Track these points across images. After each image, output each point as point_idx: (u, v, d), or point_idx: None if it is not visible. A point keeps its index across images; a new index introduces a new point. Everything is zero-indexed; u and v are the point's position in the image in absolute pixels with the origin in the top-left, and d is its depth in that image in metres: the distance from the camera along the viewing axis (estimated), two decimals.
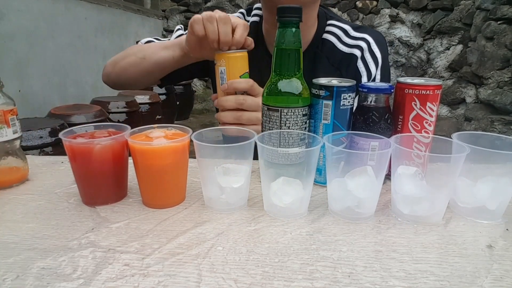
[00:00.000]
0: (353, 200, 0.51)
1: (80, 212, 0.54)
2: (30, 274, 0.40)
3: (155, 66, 0.85)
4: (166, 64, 0.84)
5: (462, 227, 0.51)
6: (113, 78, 0.94)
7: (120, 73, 0.91)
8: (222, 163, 0.54)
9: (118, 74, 0.92)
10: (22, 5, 2.35)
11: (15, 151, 0.64)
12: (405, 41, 4.12)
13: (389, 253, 0.44)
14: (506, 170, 0.50)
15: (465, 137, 0.54)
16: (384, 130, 0.58)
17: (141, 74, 0.89)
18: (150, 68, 0.86)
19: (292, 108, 0.57)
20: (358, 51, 0.82)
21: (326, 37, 0.85)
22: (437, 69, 4.02)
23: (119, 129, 0.58)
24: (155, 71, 0.87)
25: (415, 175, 0.52)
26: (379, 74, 0.83)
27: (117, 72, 0.92)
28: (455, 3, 3.81)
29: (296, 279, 0.39)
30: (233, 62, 0.73)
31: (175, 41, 0.83)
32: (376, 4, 4.15)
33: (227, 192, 0.53)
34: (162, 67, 0.85)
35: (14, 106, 0.61)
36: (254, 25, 0.89)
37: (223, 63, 0.72)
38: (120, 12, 3.69)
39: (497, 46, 3.35)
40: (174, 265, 0.42)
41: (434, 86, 0.58)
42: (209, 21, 0.69)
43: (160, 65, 0.85)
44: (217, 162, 0.54)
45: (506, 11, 3.25)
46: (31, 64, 2.44)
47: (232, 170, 0.54)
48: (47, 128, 1.70)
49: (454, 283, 0.39)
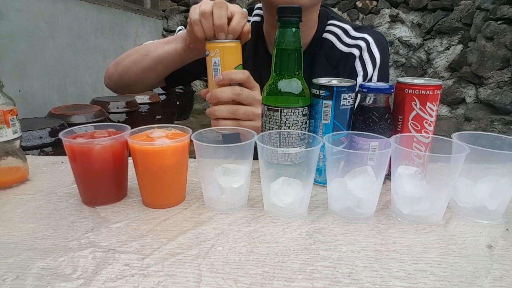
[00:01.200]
0: (353, 200, 0.51)
1: (80, 212, 0.54)
2: (30, 274, 0.40)
3: (158, 61, 0.82)
4: (169, 58, 0.81)
5: (462, 227, 0.51)
6: (115, 79, 0.92)
7: (123, 72, 0.90)
8: (222, 163, 0.54)
9: (121, 73, 0.90)
10: (22, 5, 2.35)
11: (15, 151, 0.64)
12: (405, 41, 4.12)
13: (389, 253, 0.44)
14: (506, 170, 0.50)
15: (465, 137, 0.54)
16: (384, 130, 0.58)
17: (144, 71, 0.86)
18: (153, 64, 0.83)
19: (292, 108, 0.57)
20: (357, 50, 0.82)
21: (326, 36, 0.84)
22: (437, 69, 4.03)
23: (119, 129, 0.58)
24: (158, 67, 0.84)
25: (415, 175, 0.52)
26: (376, 75, 0.83)
27: (120, 72, 0.90)
28: (455, 3, 3.81)
29: (296, 279, 0.39)
30: (228, 52, 0.68)
31: (177, 35, 0.81)
32: (376, 4, 4.15)
33: (227, 192, 0.53)
34: (165, 62, 0.83)
35: (14, 106, 0.61)
36: (255, 25, 0.89)
37: (217, 53, 0.67)
38: (120, 12, 3.69)
39: (497, 46, 3.35)
40: (174, 265, 0.42)
41: (434, 86, 0.58)
42: (204, 18, 0.66)
43: (163, 60, 0.82)
44: (217, 162, 0.54)
45: (506, 11, 3.25)
46: (31, 64, 2.44)
47: (232, 170, 0.54)
48: (47, 128, 1.71)
49: (454, 283, 0.39)
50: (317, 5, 0.80)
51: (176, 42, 0.79)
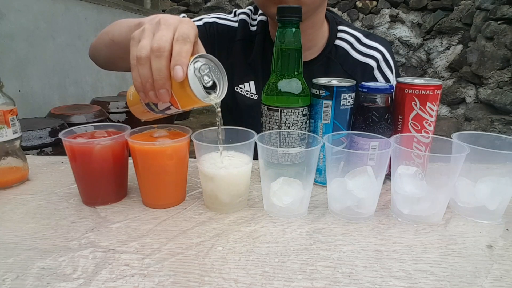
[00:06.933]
0: (353, 200, 0.51)
1: (80, 212, 0.54)
2: (30, 274, 0.40)
3: (126, 52, 0.55)
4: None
5: (462, 227, 0.51)
6: (93, 58, 0.82)
7: (95, 55, 0.80)
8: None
9: (94, 55, 0.81)
10: (22, 5, 2.35)
11: (15, 151, 0.64)
12: (405, 41, 4.11)
13: (389, 253, 0.44)
14: (506, 170, 0.50)
15: (465, 137, 0.54)
16: (384, 130, 0.58)
17: (115, 58, 0.73)
18: (121, 53, 0.66)
19: (292, 108, 0.57)
20: (374, 62, 0.82)
21: (338, 43, 0.85)
22: (437, 69, 4.02)
23: (119, 129, 0.58)
24: (126, 56, 0.56)
25: (415, 175, 0.52)
26: (394, 80, 0.84)
27: (92, 53, 0.81)
28: (455, 3, 3.81)
29: (296, 279, 0.39)
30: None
31: (142, 20, 0.57)
32: (376, 4, 4.15)
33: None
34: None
35: (14, 106, 0.61)
36: (262, 24, 0.88)
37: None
38: (120, 12, 3.69)
39: (497, 46, 3.35)
40: (174, 265, 0.42)
41: (434, 86, 0.58)
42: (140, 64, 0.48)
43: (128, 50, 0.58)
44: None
45: (506, 11, 3.25)
46: (31, 64, 2.44)
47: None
48: (47, 128, 1.71)
49: (454, 283, 0.39)
50: (321, 7, 0.80)
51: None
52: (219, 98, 0.51)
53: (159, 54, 0.46)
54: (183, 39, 0.47)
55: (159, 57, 0.46)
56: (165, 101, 0.50)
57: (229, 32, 0.88)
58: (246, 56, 0.87)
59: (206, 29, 0.88)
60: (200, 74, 0.48)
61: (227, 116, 0.90)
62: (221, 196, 0.53)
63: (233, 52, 0.88)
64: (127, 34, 0.62)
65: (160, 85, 0.47)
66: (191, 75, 0.46)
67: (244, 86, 0.88)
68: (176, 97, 0.49)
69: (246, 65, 0.87)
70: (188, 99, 0.48)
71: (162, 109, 0.54)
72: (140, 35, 0.49)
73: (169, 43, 0.47)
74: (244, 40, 0.87)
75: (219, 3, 4.61)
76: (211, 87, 0.50)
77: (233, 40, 0.88)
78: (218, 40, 0.88)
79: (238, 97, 0.88)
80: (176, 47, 0.47)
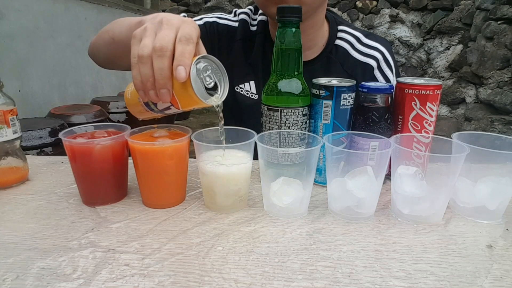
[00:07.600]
0: (353, 200, 0.51)
1: (80, 212, 0.54)
2: (30, 274, 0.40)
3: (126, 50, 0.55)
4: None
5: (462, 227, 0.51)
6: (92, 57, 0.82)
7: (95, 53, 0.79)
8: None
9: (93, 53, 0.80)
10: (22, 5, 2.35)
11: (15, 151, 0.64)
12: (405, 41, 4.11)
13: (389, 253, 0.44)
14: (506, 170, 0.50)
15: (465, 137, 0.54)
16: (384, 130, 0.58)
17: (115, 57, 0.73)
18: (121, 52, 0.66)
19: (292, 108, 0.57)
20: (374, 62, 0.82)
21: (338, 43, 0.85)
22: (437, 69, 4.02)
23: (119, 129, 0.58)
24: (127, 56, 0.56)
25: (415, 175, 0.52)
26: (394, 79, 0.84)
27: (92, 51, 0.80)
28: (455, 3, 3.81)
29: (296, 279, 0.39)
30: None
31: (143, 18, 0.57)
32: (376, 4, 4.15)
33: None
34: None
35: (14, 106, 0.61)
36: (262, 24, 0.88)
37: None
38: (120, 12, 3.69)
39: (497, 46, 3.35)
40: (174, 265, 0.42)
41: (434, 86, 0.58)
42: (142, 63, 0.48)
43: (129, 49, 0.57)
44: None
45: (506, 11, 3.25)
46: (31, 64, 2.44)
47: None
48: (47, 128, 1.71)
49: (454, 283, 0.39)
50: (322, 7, 0.80)
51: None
52: (220, 100, 0.51)
53: (162, 53, 0.46)
54: (186, 39, 0.47)
55: (161, 57, 0.46)
56: (166, 101, 0.50)
57: (229, 32, 0.88)
58: (246, 56, 0.87)
59: (206, 28, 0.88)
60: (202, 75, 0.48)
61: (227, 116, 0.90)
62: (221, 196, 0.53)
63: (233, 52, 0.88)
64: (127, 32, 0.62)
65: (161, 85, 0.47)
66: (193, 76, 0.47)
67: (244, 86, 0.88)
68: (177, 97, 0.49)
69: (246, 65, 0.87)
70: (189, 99, 0.48)
71: (162, 109, 0.54)
72: (142, 33, 0.49)
73: (171, 43, 0.47)
74: (244, 40, 0.87)
75: (219, 3, 4.61)
76: (213, 88, 0.50)
77: (233, 40, 0.88)
78: (218, 40, 0.88)
79: (238, 97, 0.88)
80: (178, 48, 0.47)
